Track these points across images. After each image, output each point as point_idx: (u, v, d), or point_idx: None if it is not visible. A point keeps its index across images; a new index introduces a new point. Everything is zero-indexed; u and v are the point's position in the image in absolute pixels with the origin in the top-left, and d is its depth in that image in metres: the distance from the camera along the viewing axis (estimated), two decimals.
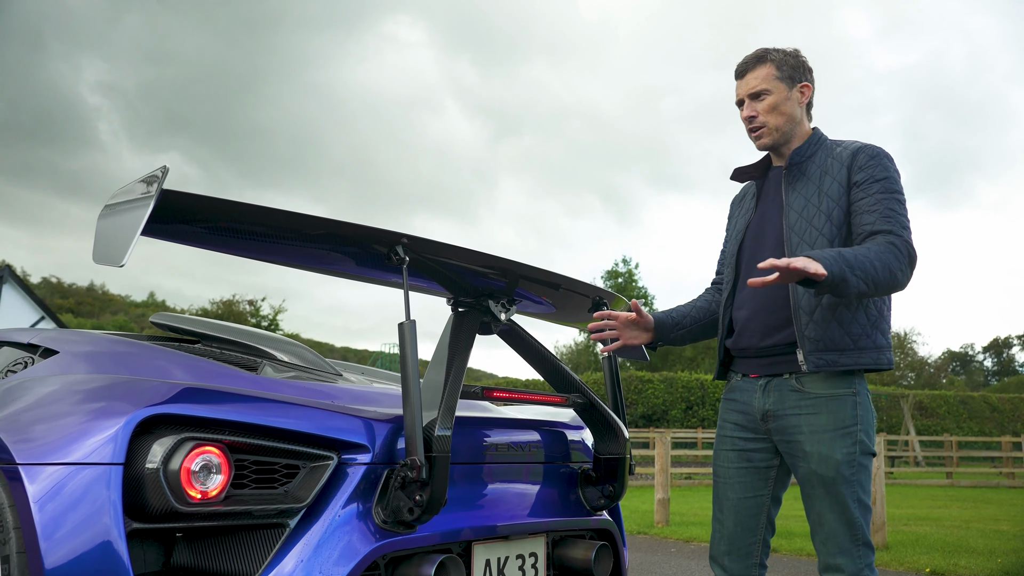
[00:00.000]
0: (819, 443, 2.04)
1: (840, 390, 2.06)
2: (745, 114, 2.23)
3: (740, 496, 2.19)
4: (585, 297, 2.58)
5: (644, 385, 25.49)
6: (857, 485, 2.03)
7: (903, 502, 11.78)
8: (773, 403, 2.12)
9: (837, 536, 2.04)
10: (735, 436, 2.22)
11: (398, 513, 1.85)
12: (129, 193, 1.67)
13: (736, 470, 2.20)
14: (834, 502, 2.04)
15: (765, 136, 2.22)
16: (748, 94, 2.21)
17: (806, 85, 2.22)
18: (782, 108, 2.19)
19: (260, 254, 2.17)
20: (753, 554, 2.19)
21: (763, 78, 2.19)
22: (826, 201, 2.12)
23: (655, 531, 7.79)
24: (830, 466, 2.03)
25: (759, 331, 2.17)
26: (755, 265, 2.17)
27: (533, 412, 2.80)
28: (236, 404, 1.85)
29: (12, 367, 2.46)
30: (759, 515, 2.19)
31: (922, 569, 5.59)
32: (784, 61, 2.20)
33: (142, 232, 1.58)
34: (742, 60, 2.25)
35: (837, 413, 2.05)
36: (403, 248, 1.95)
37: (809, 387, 2.07)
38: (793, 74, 2.20)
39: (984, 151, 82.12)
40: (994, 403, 29.79)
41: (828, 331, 2.06)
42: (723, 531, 2.22)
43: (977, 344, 63.27)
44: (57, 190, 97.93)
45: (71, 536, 1.63)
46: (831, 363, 2.05)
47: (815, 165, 2.19)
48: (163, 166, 1.62)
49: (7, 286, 24.72)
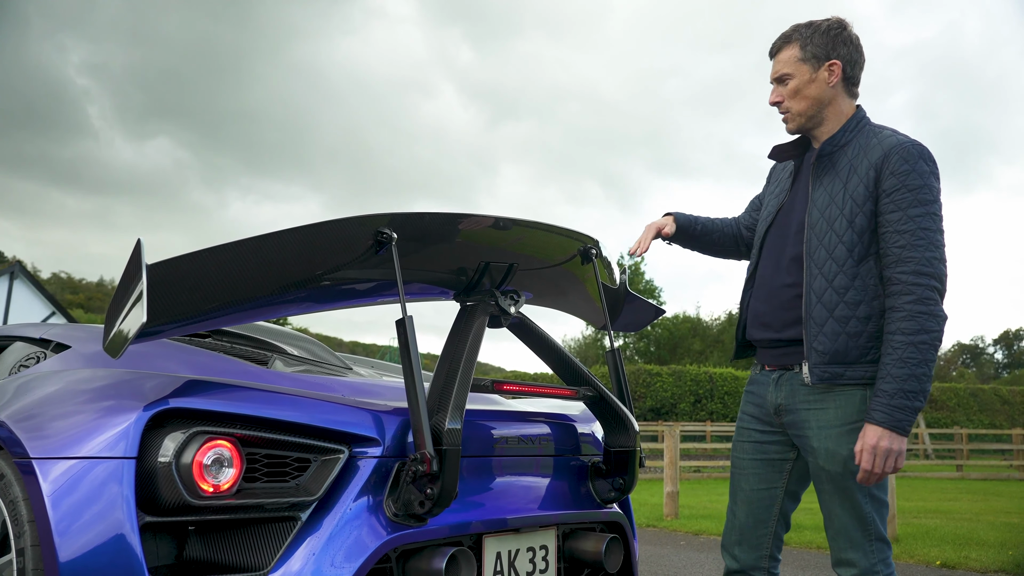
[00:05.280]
0: (826, 439, 2.03)
1: (849, 384, 2.03)
2: (771, 99, 2.18)
3: (753, 487, 2.19)
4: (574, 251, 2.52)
5: (652, 378, 25.46)
6: None
7: (913, 495, 11.75)
8: (785, 397, 2.11)
9: (848, 531, 2.02)
10: (752, 428, 2.22)
11: (409, 506, 1.85)
12: (124, 289, 1.69)
13: (751, 461, 2.20)
14: (843, 497, 2.03)
15: (790, 122, 2.16)
16: (774, 78, 2.16)
17: (835, 63, 2.08)
18: (805, 92, 2.10)
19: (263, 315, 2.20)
20: (764, 545, 2.18)
21: (786, 61, 2.12)
22: (850, 204, 2.03)
23: (664, 524, 7.79)
24: (837, 462, 2.01)
25: (774, 324, 2.15)
26: (774, 258, 2.19)
27: (543, 405, 2.80)
28: (247, 398, 1.86)
29: (25, 362, 2.47)
30: (772, 507, 2.18)
31: (932, 562, 5.58)
32: (810, 39, 2.09)
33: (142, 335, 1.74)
34: (775, 39, 2.18)
35: (844, 408, 2.02)
36: (389, 227, 1.93)
37: (820, 382, 2.05)
38: (820, 52, 2.08)
39: (1001, 131, 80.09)
40: (1005, 396, 29.64)
41: (837, 344, 2.01)
42: (735, 521, 2.22)
43: (988, 336, 63.03)
44: (51, 180, 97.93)
45: (85, 529, 1.64)
46: (835, 376, 2.02)
47: (846, 157, 2.08)
48: (137, 239, 1.65)
49: (18, 282, 24.87)
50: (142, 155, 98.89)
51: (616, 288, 2.74)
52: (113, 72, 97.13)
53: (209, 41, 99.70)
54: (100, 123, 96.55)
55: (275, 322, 4.22)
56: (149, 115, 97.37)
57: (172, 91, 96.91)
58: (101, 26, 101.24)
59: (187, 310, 1.90)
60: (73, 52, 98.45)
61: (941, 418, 27.39)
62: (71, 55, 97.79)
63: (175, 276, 1.74)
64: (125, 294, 1.68)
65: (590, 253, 2.47)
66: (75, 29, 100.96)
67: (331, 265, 2.03)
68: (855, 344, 2.00)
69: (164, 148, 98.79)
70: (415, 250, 2.08)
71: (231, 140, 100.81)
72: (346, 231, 1.91)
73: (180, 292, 1.79)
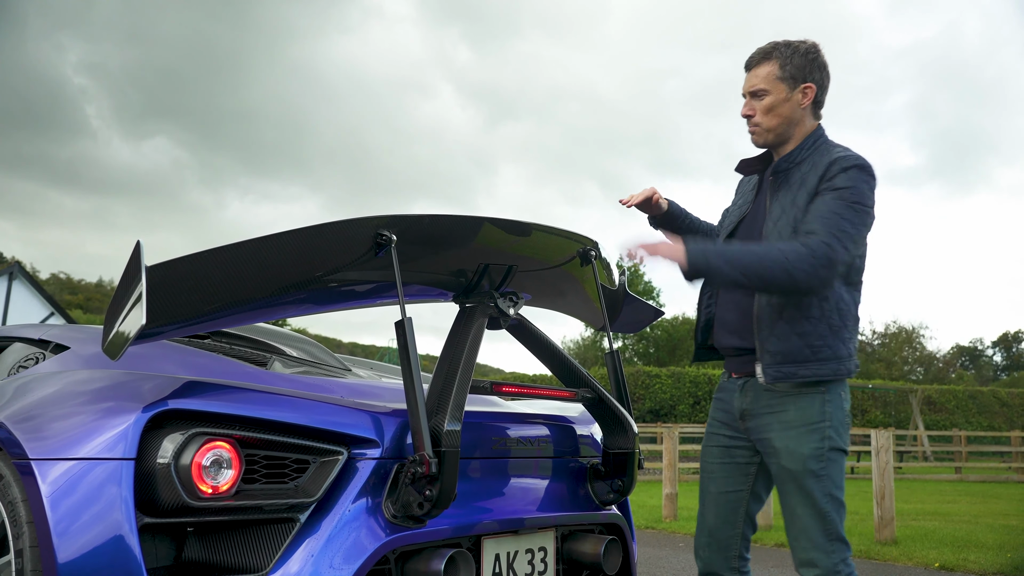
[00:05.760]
0: (787, 439, 2.08)
1: (808, 387, 2.09)
2: (743, 111, 2.23)
3: (720, 490, 2.25)
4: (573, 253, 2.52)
5: (651, 380, 25.47)
6: (828, 480, 2.06)
7: (912, 497, 11.75)
8: (749, 402, 2.18)
9: (809, 532, 2.06)
10: (720, 433, 2.28)
11: (408, 508, 1.85)
12: (124, 290, 1.69)
13: (718, 465, 2.27)
14: (804, 497, 2.07)
15: (759, 136, 2.23)
16: (749, 91, 2.21)
17: (809, 86, 2.16)
18: (779, 110, 2.17)
19: (263, 315, 2.20)
20: (732, 547, 2.24)
21: (764, 77, 2.17)
22: (795, 213, 2.11)
23: (663, 526, 7.79)
24: (797, 460, 2.06)
25: (735, 332, 2.22)
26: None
27: (542, 407, 2.80)
28: (246, 399, 1.86)
29: (24, 363, 2.47)
30: (738, 509, 2.24)
31: (931, 564, 5.58)
32: (790, 59, 2.15)
33: (141, 336, 1.72)
34: (752, 52, 2.24)
35: (805, 410, 2.08)
36: (388, 229, 1.93)
37: (779, 386, 2.11)
38: (797, 74, 2.15)
39: (1001, 132, 78.58)
40: (1003, 398, 29.66)
41: (787, 344, 2.08)
42: (704, 525, 2.28)
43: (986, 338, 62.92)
44: (49, 180, 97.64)
45: (83, 530, 1.64)
46: (789, 375, 2.08)
47: (799, 173, 2.16)
48: (137, 241, 1.65)
49: (17, 282, 24.86)
50: (140, 155, 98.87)
51: (615, 289, 2.75)
52: (111, 71, 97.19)
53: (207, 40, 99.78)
54: (98, 122, 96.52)
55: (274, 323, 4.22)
56: (147, 115, 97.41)
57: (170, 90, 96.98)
58: (99, 25, 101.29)
59: (187, 312, 1.90)
60: (71, 51, 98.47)
61: (940, 420, 27.39)
62: (69, 54, 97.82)
63: (175, 278, 1.74)
64: (125, 295, 1.68)
65: (589, 255, 2.47)
66: (73, 28, 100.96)
67: (331, 267, 2.03)
68: (805, 343, 2.07)
69: (162, 148, 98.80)
70: (414, 252, 2.08)
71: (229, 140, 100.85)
72: (346, 233, 1.91)
73: (180, 294, 1.79)
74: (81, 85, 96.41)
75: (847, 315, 2.11)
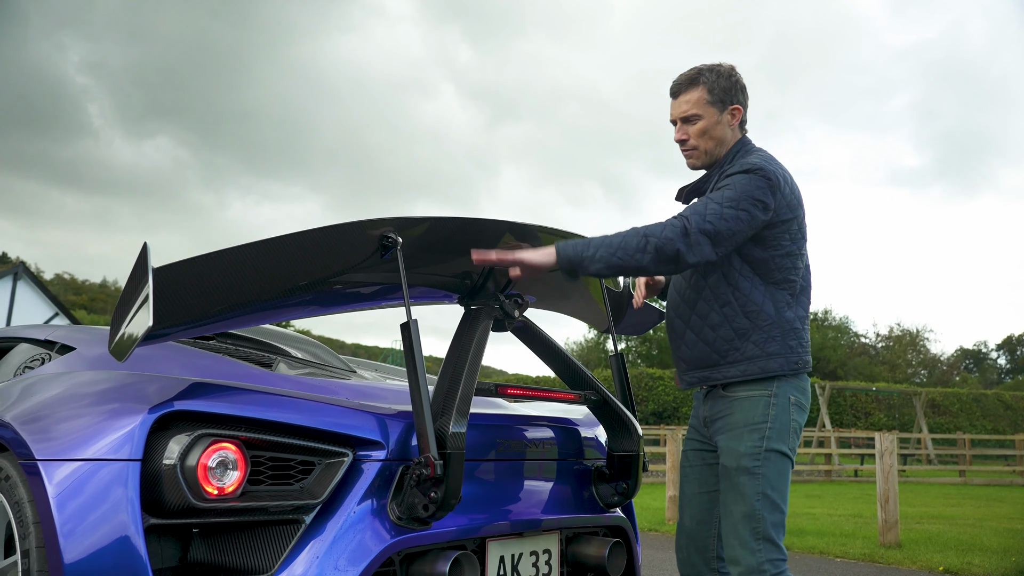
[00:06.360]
0: (729, 439, 2.14)
1: (755, 392, 2.14)
2: (677, 136, 2.28)
3: (696, 491, 2.31)
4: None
5: (655, 382, 25.45)
6: (762, 479, 2.07)
7: (916, 500, 11.72)
8: (708, 409, 2.26)
9: (738, 528, 2.09)
10: (693, 438, 2.36)
11: (413, 510, 1.86)
12: (131, 292, 1.70)
13: (693, 468, 2.34)
14: (737, 494, 2.10)
15: (696, 159, 2.28)
16: (680, 117, 2.25)
17: (737, 108, 2.23)
18: (712, 132, 2.22)
19: (268, 317, 2.20)
20: (710, 548, 2.28)
21: (694, 103, 2.22)
22: None
23: (666, 528, 7.78)
24: (734, 457, 2.11)
25: (677, 348, 2.31)
26: (678, 284, 2.32)
27: (547, 409, 2.80)
28: (252, 400, 1.86)
29: (30, 363, 2.48)
30: (712, 509, 2.28)
31: (935, 567, 5.56)
32: (716, 84, 2.21)
33: (148, 338, 1.74)
34: (676, 79, 2.28)
35: (748, 411, 2.13)
36: (394, 231, 1.93)
37: (730, 392, 2.17)
38: (724, 97, 2.22)
39: (1005, 133, 77.79)
40: (1008, 401, 29.60)
41: (696, 351, 2.21)
42: (683, 527, 2.33)
43: (991, 341, 62.74)
44: (51, 180, 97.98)
45: (90, 531, 1.64)
46: (701, 379, 2.22)
47: (711, 184, 2.22)
48: (144, 243, 1.66)
49: (21, 282, 24.92)
50: (141, 155, 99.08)
51: (619, 291, 2.75)
52: (112, 71, 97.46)
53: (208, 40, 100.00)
54: (100, 122, 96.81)
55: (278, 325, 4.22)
56: (149, 114, 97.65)
57: (171, 90, 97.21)
58: (100, 25, 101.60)
59: (193, 313, 1.90)
60: (72, 51, 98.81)
61: (944, 423, 27.34)
62: (70, 54, 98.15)
63: (181, 280, 1.74)
64: (131, 297, 1.68)
65: None
66: (74, 28, 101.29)
67: (336, 269, 2.03)
68: (713, 349, 2.18)
69: (164, 147, 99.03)
70: (420, 254, 2.09)
71: (230, 139, 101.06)
72: (351, 235, 1.91)
73: (186, 295, 1.80)
74: (83, 85, 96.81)
75: (758, 316, 2.14)
